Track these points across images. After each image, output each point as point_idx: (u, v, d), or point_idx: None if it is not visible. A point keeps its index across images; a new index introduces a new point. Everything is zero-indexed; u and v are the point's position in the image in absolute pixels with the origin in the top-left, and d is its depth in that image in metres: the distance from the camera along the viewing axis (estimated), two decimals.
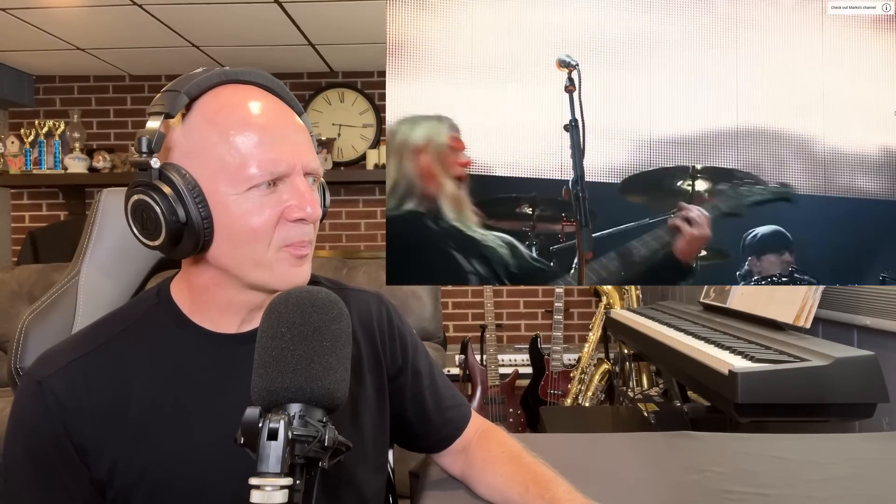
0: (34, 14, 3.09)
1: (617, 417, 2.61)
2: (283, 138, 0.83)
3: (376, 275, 3.03)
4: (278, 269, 0.84)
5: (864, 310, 1.82)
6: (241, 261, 0.83)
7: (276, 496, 0.61)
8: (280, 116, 0.85)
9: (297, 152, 0.83)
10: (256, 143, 0.80)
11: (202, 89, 0.83)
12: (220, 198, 0.81)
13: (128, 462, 0.83)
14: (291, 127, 0.86)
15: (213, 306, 0.88)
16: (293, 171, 0.82)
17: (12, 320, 2.00)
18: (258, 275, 0.84)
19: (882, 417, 1.67)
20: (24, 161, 3.98)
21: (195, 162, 0.81)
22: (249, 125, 0.81)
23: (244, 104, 0.83)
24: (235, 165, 0.80)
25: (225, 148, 0.80)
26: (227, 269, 0.85)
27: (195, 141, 0.82)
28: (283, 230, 0.83)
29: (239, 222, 0.81)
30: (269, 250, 0.83)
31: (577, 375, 3.46)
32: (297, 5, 3.02)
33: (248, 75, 0.87)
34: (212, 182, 0.81)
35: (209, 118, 0.82)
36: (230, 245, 0.82)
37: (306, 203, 0.82)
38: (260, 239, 0.82)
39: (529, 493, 0.94)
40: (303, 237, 0.84)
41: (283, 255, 0.84)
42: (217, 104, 0.83)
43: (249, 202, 0.81)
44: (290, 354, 0.68)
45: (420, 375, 1.04)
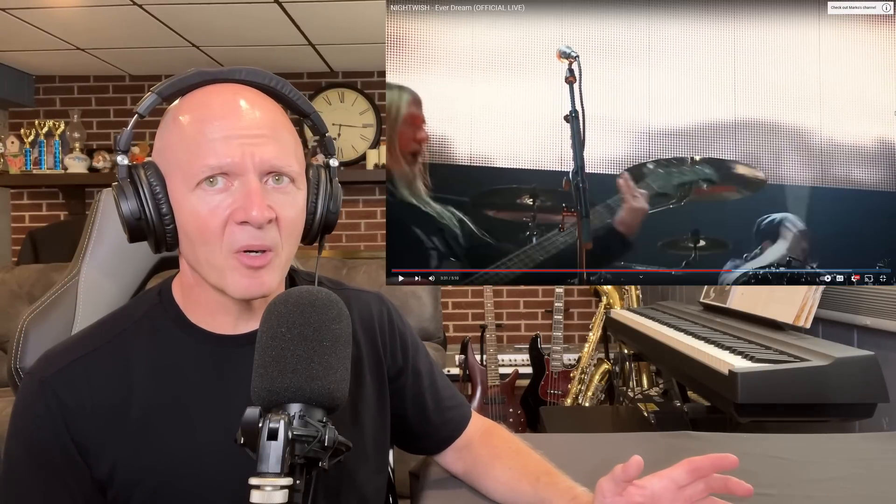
0: (34, 14, 3.09)
1: (617, 417, 2.61)
2: (234, 135, 0.79)
3: (376, 275, 3.03)
4: (230, 276, 0.80)
5: (864, 310, 1.82)
6: (200, 262, 0.82)
7: (276, 496, 0.61)
8: (242, 112, 0.81)
9: (250, 150, 0.78)
10: (206, 139, 0.78)
11: (175, 89, 0.83)
12: (176, 195, 0.80)
13: (128, 461, 0.83)
14: (252, 124, 0.80)
15: (201, 305, 0.88)
16: (243, 169, 0.78)
17: (12, 320, 2.00)
18: (215, 279, 0.82)
19: (882, 417, 1.67)
20: (24, 161, 3.98)
21: (161, 160, 0.82)
22: (203, 121, 0.80)
23: (207, 102, 0.82)
24: (185, 161, 0.79)
25: (181, 145, 0.80)
26: (195, 269, 0.84)
27: (163, 139, 0.83)
28: (230, 233, 0.79)
29: (189, 221, 0.80)
30: (220, 254, 0.80)
31: (577, 375, 3.46)
32: (297, 5, 3.02)
33: (234, 73, 0.85)
34: (171, 180, 0.81)
35: (175, 117, 0.83)
36: (189, 245, 0.82)
37: (252, 205, 0.77)
38: (209, 240, 0.79)
39: (540, 482, 0.93)
40: (251, 242, 0.79)
41: (233, 262, 0.80)
42: (185, 103, 0.83)
43: (199, 200, 0.79)
44: (290, 354, 0.68)
45: (420, 376, 1.04)
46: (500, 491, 0.99)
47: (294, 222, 0.84)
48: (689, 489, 0.81)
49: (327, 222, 0.90)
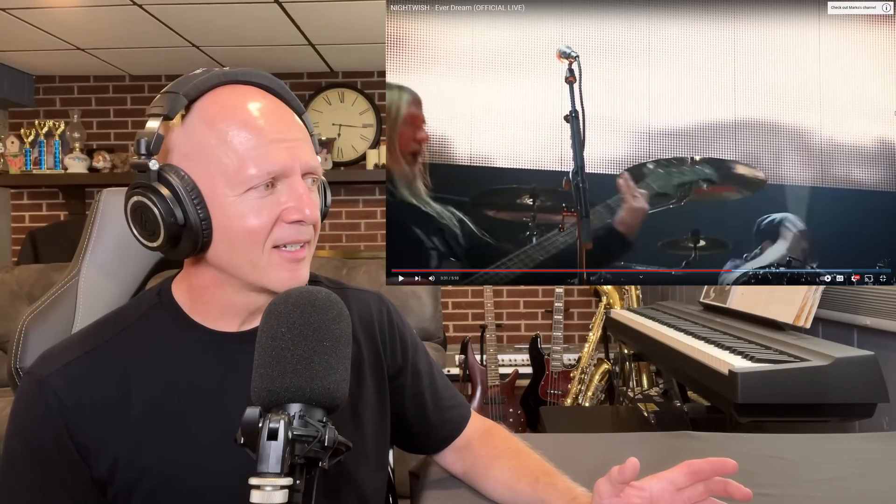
0: (34, 14, 3.09)
1: (617, 417, 2.61)
2: (280, 139, 0.82)
3: (376, 275, 3.03)
4: (273, 272, 0.84)
5: (864, 310, 1.82)
6: (238, 262, 0.83)
7: (276, 496, 0.61)
8: (278, 117, 0.85)
9: (295, 153, 0.83)
10: (254, 144, 0.80)
11: (201, 91, 0.83)
12: (218, 199, 0.81)
13: (128, 460, 0.83)
14: (290, 127, 0.85)
15: (213, 306, 0.88)
16: (291, 172, 0.82)
17: (12, 320, 1.99)
18: (255, 276, 0.84)
19: (882, 417, 1.67)
20: (24, 161, 3.98)
21: (194, 164, 0.81)
22: (247, 126, 0.81)
23: (242, 105, 0.83)
24: (233, 167, 0.80)
25: (223, 149, 0.80)
26: (226, 269, 0.85)
27: (194, 143, 0.82)
28: (278, 231, 0.82)
29: (236, 224, 0.81)
30: (263, 252, 0.82)
31: (577, 375, 3.46)
32: (297, 5, 3.02)
33: (248, 75, 0.86)
34: (210, 183, 0.81)
35: (208, 120, 0.82)
36: (227, 246, 0.83)
37: (304, 205, 0.82)
38: (256, 241, 0.82)
39: (539, 482, 0.94)
40: (298, 237, 0.84)
41: (276, 259, 0.83)
42: (215, 106, 0.83)
43: (247, 204, 0.81)
44: (290, 354, 0.68)
45: (420, 375, 1.04)
46: (499, 491, 0.99)
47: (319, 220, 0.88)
48: (688, 491, 0.82)
49: None
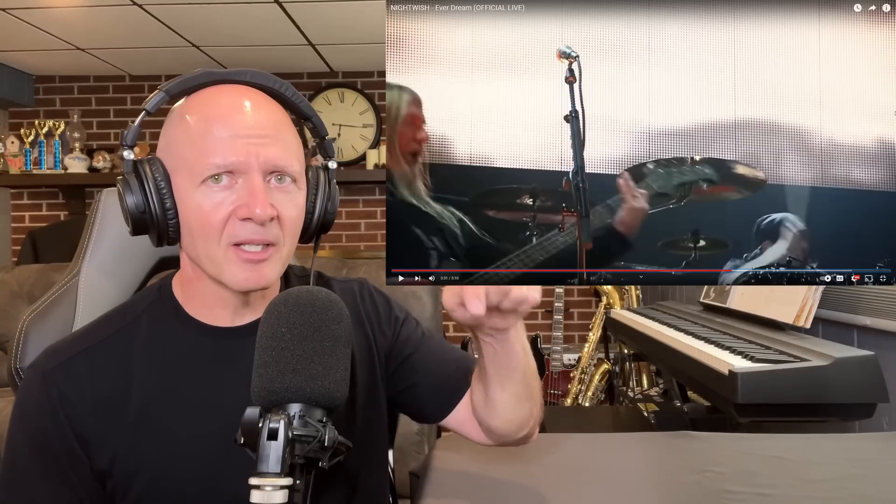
0: (34, 14, 3.09)
1: (617, 417, 2.61)
2: (239, 134, 0.82)
3: (376, 275, 3.03)
4: (228, 269, 0.83)
5: (864, 310, 1.82)
6: (199, 255, 0.85)
7: (276, 496, 0.61)
8: (248, 113, 0.84)
9: (255, 150, 0.81)
10: (212, 137, 0.81)
11: (183, 88, 0.85)
12: (181, 191, 0.83)
13: (128, 453, 0.84)
14: (258, 124, 0.83)
15: (200, 299, 0.90)
16: (247, 168, 0.81)
17: (12, 320, 1.99)
18: (214, 271, 0.85)
19: (882, 417, 1.67)
20: (24, 161, 3.98)
21: (166, 156, 0.84)
22: (208, 120, 0.82)
23: (213, 101, 0.85)
24: (191, 158, 0.82)
25: (187, 142, 0.83)
26: (194, 262, 0.87)
27: (168, 136, 0.85)
28: (231, 228, 0.82)
29: (192, 216, 0.82)
30: (219, 248, 0.82)
31: (577, 375, 3.46)
32: (297, 5, 3.02)
33: (239, 75, 0.87)
34: (176, 175, 0.83)
35: (181, 115, 0.85)
36: (190, 239, 0.84)
37: (256, 203, 0.80)
38: (210, 235, 0.82)
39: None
40: (254, 237, 0.82)
41: (231, 256, 0.83)
42: (192, 102, 0.85)
43: (203, 196, 0.82)
44: (290, 354, 0.68)
45: (411, 341, 1.01)
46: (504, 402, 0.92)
47: (295, 220, 0.87)
48: None
49: (324, 222, 0.93)
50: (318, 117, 0.93)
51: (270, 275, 0.85)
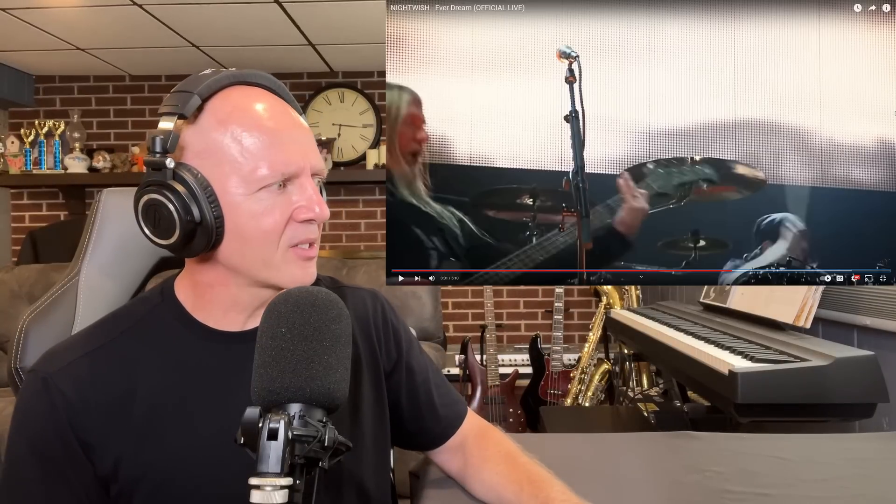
0: (34, 14, 3.09)
1: (617, 417, 2.61)
2: (291, 140, 0.85)
3: (376, 275, 3.03)
4: (286, 269, 0.86)
5: (864, 310, 1.82)
6: (250, 260, 0.85)
7: (276, 496, 0.61)
8: (288, 118, 0.88)
9: (306, 154, 0.86)
10: (267, 144, 0.83)
11: (213, 90, 0.84)
12: (230, 198, 0.82)
13: (132, 458, 0.83)
14: (299, 129, 0.88)
15: (217, 304, 0.89)
16: (302, 172, 0.85)
17: (12, 320, 1.99)
18: (267, 274, 0.86)
19: (882, 417, 1.67)
20: (24, 161, 3.98)
21: (207, 162, 0.83)
22: (260, 127, 0.83)
23: (254, 106, 0.85)
24: (247, 166, 0.82)
25: (237, 149, 0.82)
26: (236, 267, 0.86)
27: (207, 142, 0.83)
28: (291, 230, 0.85)
29: (250, 223, 0.83)
30: (277, 251, 0.85)
31: (577, 375, 3.46)
32: (297, 5, 3.02)
33: (255, 77, 0.89)
34: (223, 182, 0.82)
35: (221, 119, 0.83)
36: (239, 244, 0.84)
37: (315, 204, 0.85)
38: (270, 240, 0.84)
39: (524, 492, 0.94)
40: (309, 236, 0.87)
41: (290, 256, 0.86)
42: (228, 106, 0.84)
43: (260, 203, 0.83)
44: (290, 354, 0.68)
45: (414, 372, 1.04)
46: (487, 495, 1.00)
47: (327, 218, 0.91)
48: None
49: None
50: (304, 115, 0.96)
51: (315, 271, 0.91)
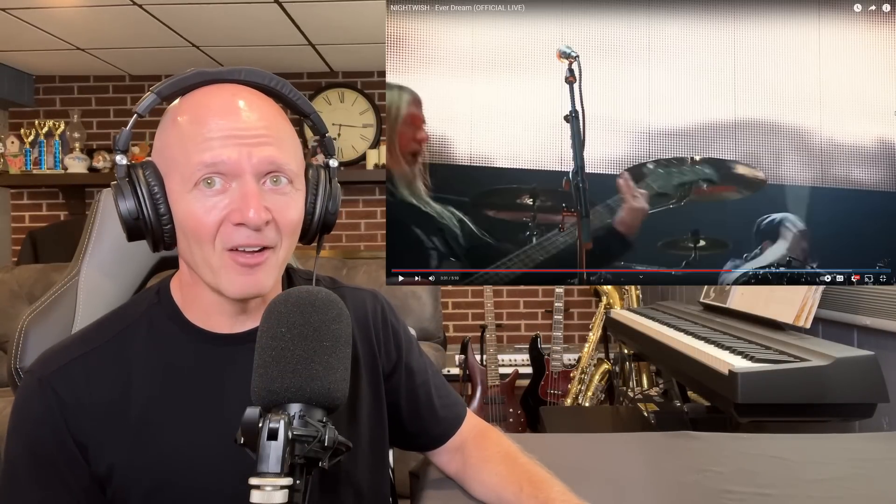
0: (34, 14, 3.09)
1: (617, 417, 2.61)
2: (232, 136, 0.79)
3: (376, 275, 3.03)
4: (224, 274, 0.81)
5: (864, 310, 1.82)
6: (196, 261, 0.83)
7: (276, 496, 0.61)
8: (240, 112, 0.81)
9: (249, 150, 0.79)
10: (203, 140, 0.79)
11: (175, 89, 0.84)
12: (174, 195, 0.81)
13: (128, 459, 0.83)
14: (252, 123, 0.81)
15: (198, 305, 0.89)
16: (239, 170, 0.79)
17: (12, 320, 1.99)
18: (210, 278, 0.83)
19: (882, 417, 1.67)
20: (24, 161, 3.98)
21: (160, 159, 0.83)
22: (200, 123, 0.80)
23: (206, 102, 0.82)
24: (183, 162, 0.80)
25: (178, 145, 0.81)
26: (192, 268, 0.85)
27: (161, 139, 0.84)
28: (225, 233, 0.80)
29: (186, 220, 0.81)
30: (214, 253, 0.81)
31: (577, 375, 3.46)
32: (297, 5, 3.02)
33: (233, 73, 0.85)
34: (169, 179, 0.81)
35: (174, 117, 0.83)
36: (186, 244, 0.83)
37: (248, 206, 0.78)
38: (203, 240, 0.80)
39: (523, 492, 0.93)
40: (249, 241, 0.80)
41: (227, 261, 0.81)
42: (184, 103, 0.83)
43: (196, 200, 0.79)
44: (290, 354, 0.68)
45: (413, 373, 1.04)
46: (486, 496, 0.99)
47: (292, 223, 0.84)
48: None
49: (326, 222, 0.90)
50: (317, 114, 0.91)
51: (266, 281, 0.83)
